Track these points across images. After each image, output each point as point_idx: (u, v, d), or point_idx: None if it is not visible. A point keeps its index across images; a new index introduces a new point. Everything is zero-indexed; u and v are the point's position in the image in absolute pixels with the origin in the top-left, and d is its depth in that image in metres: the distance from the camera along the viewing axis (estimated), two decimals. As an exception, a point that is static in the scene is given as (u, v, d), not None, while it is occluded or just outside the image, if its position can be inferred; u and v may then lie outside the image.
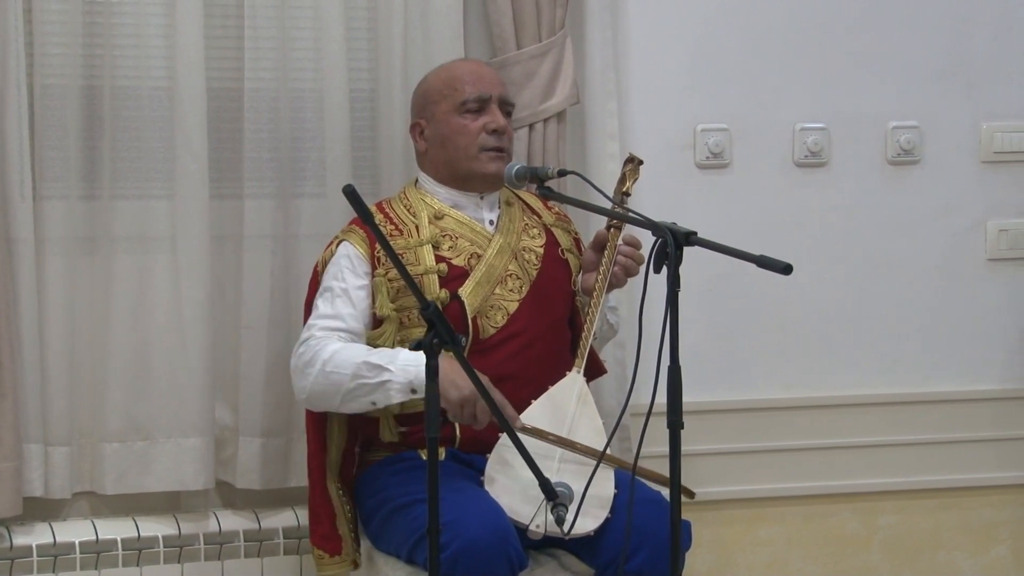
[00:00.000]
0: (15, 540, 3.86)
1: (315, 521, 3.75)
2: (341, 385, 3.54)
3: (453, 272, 3.66)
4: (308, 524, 3.79)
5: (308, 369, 3.58)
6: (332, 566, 3.73)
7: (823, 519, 4.49)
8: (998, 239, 4.54)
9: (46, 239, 3.90)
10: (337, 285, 3.65)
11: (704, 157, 4.36)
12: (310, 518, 3.77)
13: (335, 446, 3.77)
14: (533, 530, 3.43)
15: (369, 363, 3.51)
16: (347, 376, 3.53)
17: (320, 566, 3.74)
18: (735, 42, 4.36)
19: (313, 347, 3.59)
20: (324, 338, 3.60)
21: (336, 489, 3.76)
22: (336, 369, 3.54)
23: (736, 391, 4.40)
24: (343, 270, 3.66)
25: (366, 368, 3.51)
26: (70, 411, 3.93)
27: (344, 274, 3.66)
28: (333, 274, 3.67)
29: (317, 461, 3.74)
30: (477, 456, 3.56)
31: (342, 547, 3.74)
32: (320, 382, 3.56)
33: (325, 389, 3.57)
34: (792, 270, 2.99)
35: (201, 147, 3.91)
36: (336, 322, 3.63)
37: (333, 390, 3.55)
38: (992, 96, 4.51)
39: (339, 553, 3.73)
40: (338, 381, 3.54)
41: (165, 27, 3.91)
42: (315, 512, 3.75)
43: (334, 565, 3.73)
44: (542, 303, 3.71)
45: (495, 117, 3.72)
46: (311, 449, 3.75)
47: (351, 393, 3.53)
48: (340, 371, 3.54)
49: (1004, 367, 4.56)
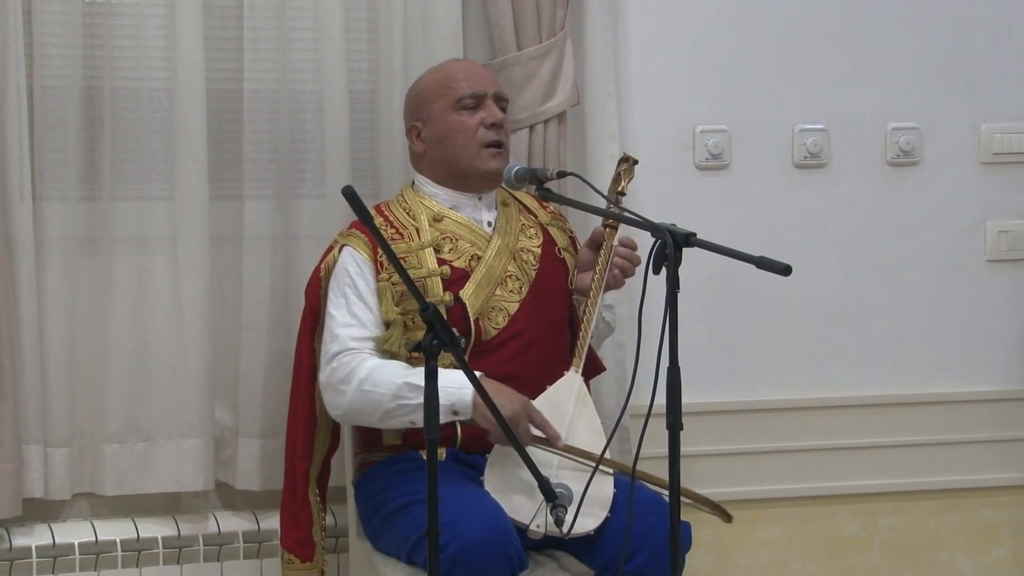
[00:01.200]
0: (14, 541, 3.87)
1: (292, 525, 3.75)
2: (380, 404, 3.52)
3: (455, 274, 3.66)
4: (281, 527, 3.79)
5: (342, 386, 3.57)
6: (301, 572, 3.75)
7: (823, 520, 4.49)
8: (997, 240, 4.54)
9: (46, 240, 3.90)
10: (351, 292, 3.64)
11: (703, 158, 4.36)
12: (285, 522, 3.77)
13: (320, 453, 3.78)
14: (533, 530, 3.43)
15: (410, 384, 3.48)
16: (387, 396, 3.51)
17: (288, 570, 3.75)
18: (734, 43, 4.36)
19: (348, 364, 3.57)
20: (358, 352, 3.58)
21: (315, 496, 3.77)
22: (374, 388, 3.53)
23: (735, 392, 4.40)
24: (353, 276, 3.65)
25: (407, 389, 3.48)
26: (70, 412, 3.93)
27: (355, 280, 3.64)
28: (344, 281, 3.65)
29: (303, 466, 3.75)
30: (478, 456, 3.56)
31: (315, 554, 3.75)
32: (357, 400, 3.55)
33: (363, 407, 3.55)
34: (791, 271, 2.99)
35: (201, 148, 3.91)
36: (361, 330, 3.61)
37: (372, 408, 3.54)
38: (991, 97, 4.51)
39: (311, 560, 3.75)
40: (377, 400, 3.52)
41: (165, 28, 3.91)
42: (294, 516, 3.75)
43: (303, 571, 3.75)
44: (542, 303, 3.72)
45: (492, 112, 3.72)
46: (298, 453, 3.75)
47: (390, 412, 3.52)
48: (378, 390, 3.52)
49: (1004, 368, 4.56)
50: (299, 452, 3.75)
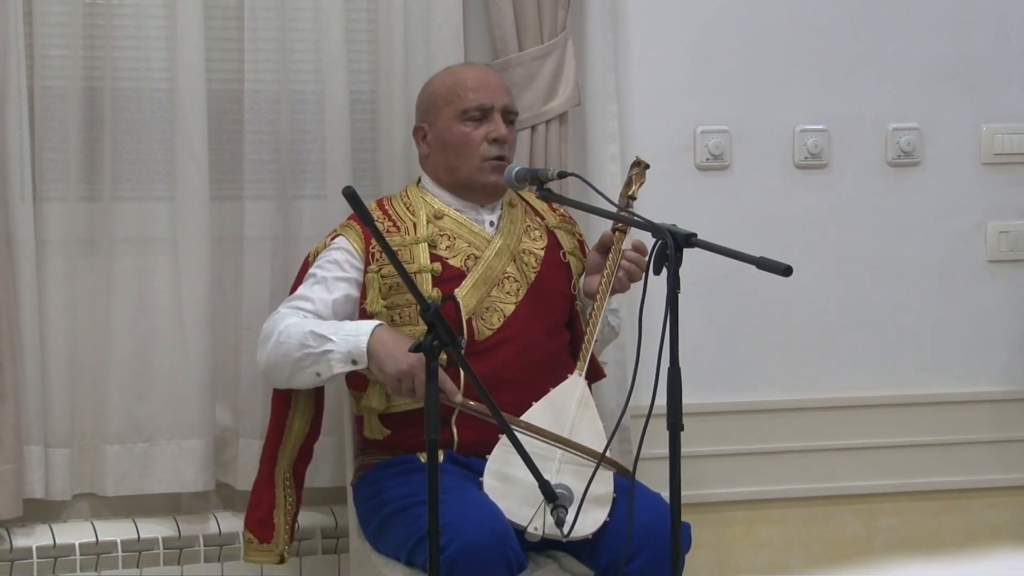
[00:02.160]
0: (15, 542, 3.87)
1: (254, 505, 3.76)
2: (289, 355, 3.55)
3: (448, 272, 3.66)
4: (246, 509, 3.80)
5: (266, 342, 3.61)
6: (260, 553, 3.75)
7: (824, 521, 4.49)
8: (998, 241, 4.54)
9: (47, 241, 3.90)
10: (320, 273, 3.67)
11: (704, 159, 4.36)
12: (250, 501, 3.78)
13: (294, 437, 3.77)
14: (531, 532, 3.42)
15: (315, 333, 3.52)
16: (295, 346, 3.54)
17: (247, 551, 3.76)
18: (735, 44, 4.36)
19: (274, 320, 3.62)
20: (287, 314, 3.62)
21: (283, 479, 3.77)
22: (287, 340, 3.56)
23: (736, 392, 4.40)
24: (331, 261, 3.68)
25: (311, 337, 3.51)
26: (71, 413, 3.93)
27: (330, 264, 3.67)
28: (320, 263, 3.69)
29: (270, 447, 3.76)
30: (476, 459, 3.56)
31: (273, 536, 3.74)
32: (273, 353, 3.59)
33: (277, 360, 3.58)
34: (792, 272, 2.98)
35: (201, 149, 3.91)
36: (304, 303, 3.64)
37: (283, 361, 3.57)
38: (992, 98, 4.51)
39: (268, 541, 3.74)
40: (287, 351, 3.56)
41: (165, 29, 3.91)
42: (256, 496, 3.76)
43: (262, 552, 3.75)
44: (540, 306, 3.71)
45: (497, 126, 3.72)
46: (268, 434, 3.76)
47: (298, 363, 3.55)
48: (289, 341, 3.55)
49: (1004, 369, 4.56)
50: (271, 431, 3.76)
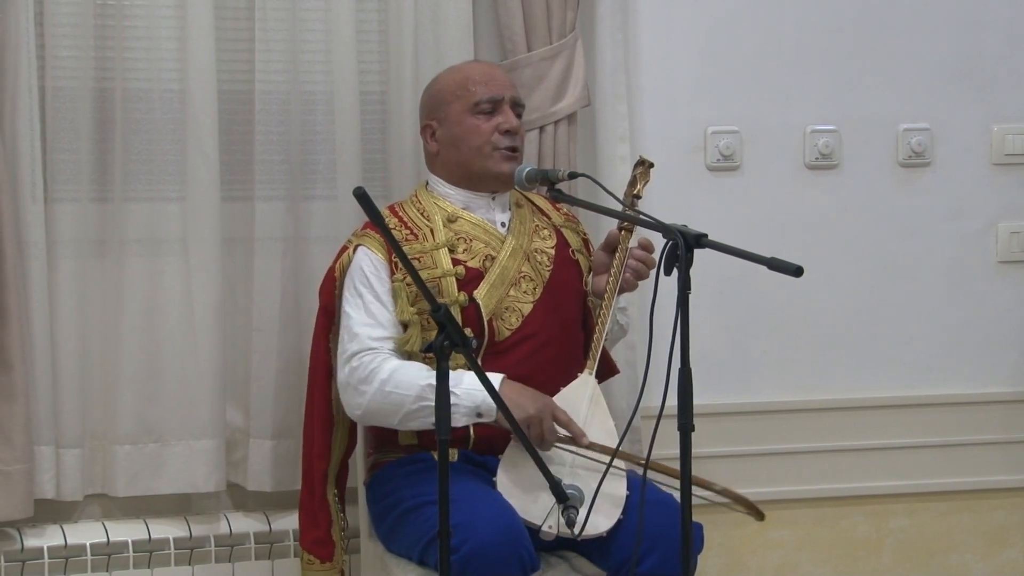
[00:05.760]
0: (26, 542, 3.87)
1: (311, 525, 3.76)
2: (403, 405, 3.52)
3: (469, 274, 3.66)
4: (299, 527, 3.79)
5: (363, 387, 3.56)
6: (321, 572, 3.75)
7: (834, 522, 4.49)
8: (1009, 241, 4.53)
9: (57, 241, 3.90)
10: (367, 292, 3.64)
11: (715, 159, 4.36)
12: (303, 521, 3.77)
13: (337, 453, 3.78)
14: (545, 531, 3.43)
15: (433, 386, 3.46)
16: (409, 398, 3.51)
17: (307, 571, 3.75)
18: (746, 44, 4.36)
19: (368, 364, 3.57)
20: (378, 352, 3.58)
21: (333, 495, 3.78)
22: (396, 389, 3.53)
23: (747, 393, 4.40)
24: (369, 275, 3.64)
25: (430, 391, 3.42)
26: (82, 413, 3.94)
27: (370, 279, 3.64)
28: (360, 280, 3.65)
29: (321, 466, 3.75)
30: (490, 457, 3.56)
31: (334, 554, 3.75)
32: (378, 400, 3.55)
33: (383, 408, 3.55)
34: (803, 272, 2.98)
35: (212, 149, 3.91)
36: (380, 330, 3.60)
37: (393, 409, 3.54)
38: (1003, 98, 4.50)
39: (331, 560, 3.75)
40: (399, 401, 3.53)
41: (176, 29, 3.91)
42: (313, 516, 3.76)
43: (324, 572, 3.75)
44: (555, 304, 3.71)
45: (508, 118, 3.72)
46: (315, 453, 3.75)
47: (413, 414, 3.52)
48: (400, 391, 3.52)
49: (1015, 369, 4.56)
50: (316, 451, 3.75)
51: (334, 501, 3.78)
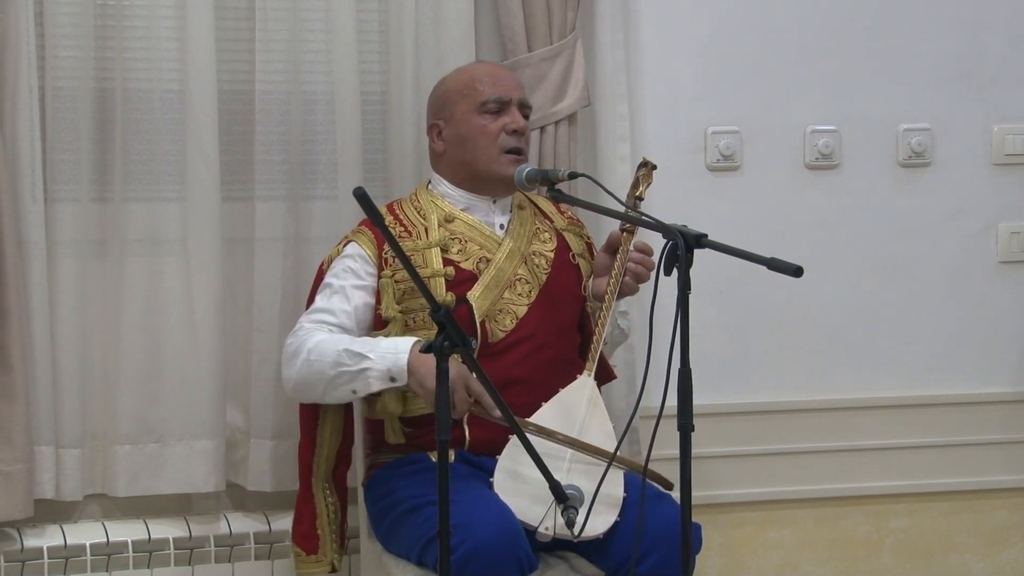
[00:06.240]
0: (26, 542, 3.87)
1: (296, 519, 3.80)
2: (323, 373, 3.55)
3: (461, 275, 3.67)
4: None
5: (294, 360, 3.61)
6: (308, 565, 3.78)
7: (834, 522, 4.49)
8: (1009, 241, 4.53)
9: (57, 241, 3.90)
10: (336, 282, 3.68)
11: (715, 159, 4.36)
12: (295, 515, 3.80)
13: (327, 445, 3.79)
14: (542, 532, 3.43)
15: (350, 351, 3.53)
16: (328, 364, 3.54)
17: (296, 563, 3.79)
18: (746, 44, 4.36)
19: (300, 338, 3.62)
20: (312, 329, 3.62)
21: (323, 489, 3.79)
22: (319, 357, 3.56)
23: (747, 393, 4.40)
24: (345, 269, 3.69)
25: (347, 356, 3.52)
26: (81, 413, 3.94)
27: (345, 273, 3.68)
28: (335, 272, 3.70)
29: (304, 459, 3.78)
30: (487, 458, 3.56)
31: (319, 547, 3.77)
32: (304, 371, 3.59)
33: (308, 378, 3.59)
34: (803, 273, 2.98)
35: (212, 149, 3.92)
36: (327, 316, 3.65)
37: (316, 379, 3.57)
38: (1003, 98, 4.50)
39: (315, 552, 3.77)
40: (320, 369, 3.56)
41: (177, 29, 3.91)
42: (298, 510, 3.79)
43: (310, 564, 3.78)
44: (551, 307, 3.71)
45: (515, 118, 3.73)
46: (300, 447, 3.78)
47: (333, 381, 3.55)
48: (323, 359, 3.55)
49: (1015, 370, 4.56)
50: (303, 443, 3.79)
51: (322, 494, 3.78)
